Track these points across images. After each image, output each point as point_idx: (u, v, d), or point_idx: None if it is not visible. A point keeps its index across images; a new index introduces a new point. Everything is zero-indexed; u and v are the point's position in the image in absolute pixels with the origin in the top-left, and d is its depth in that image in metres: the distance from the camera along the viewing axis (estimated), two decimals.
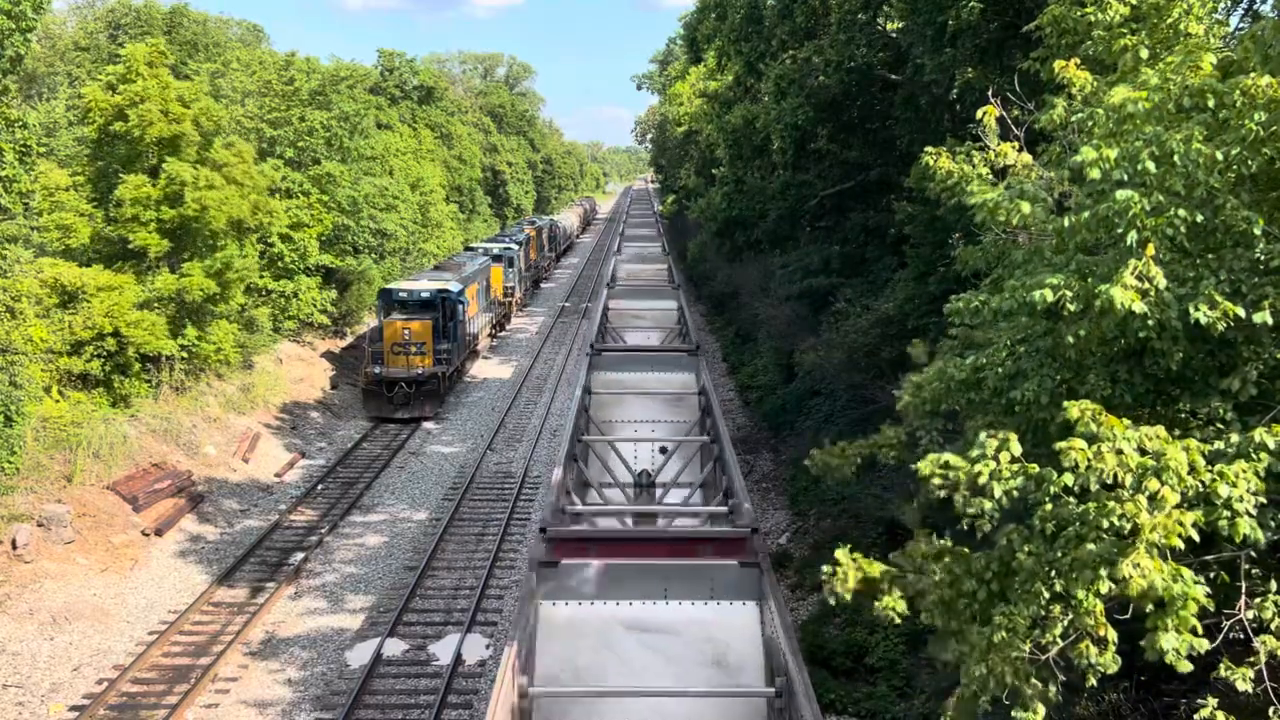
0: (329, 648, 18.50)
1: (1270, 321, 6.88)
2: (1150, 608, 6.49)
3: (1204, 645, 6.47)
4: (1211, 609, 6.73)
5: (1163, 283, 6.97)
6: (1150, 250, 7.06)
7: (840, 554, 7.97)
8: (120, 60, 29.21)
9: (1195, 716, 7.49)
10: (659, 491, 11.78)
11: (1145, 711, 10.86)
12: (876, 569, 7.90)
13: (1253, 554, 7.37)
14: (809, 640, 16.67)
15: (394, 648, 18.26)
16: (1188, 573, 6.47)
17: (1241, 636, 7.50)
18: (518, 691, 7.04)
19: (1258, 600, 7.36)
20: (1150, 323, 7.07)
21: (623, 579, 7.86)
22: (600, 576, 7.90)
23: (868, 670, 16.19)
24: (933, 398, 8.79)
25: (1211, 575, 6.99)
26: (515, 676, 6.98)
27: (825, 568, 8.00)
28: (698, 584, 7.91)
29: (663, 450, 13.32)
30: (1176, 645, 6.41)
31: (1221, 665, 7.26)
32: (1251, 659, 7.24)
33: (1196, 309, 6.93)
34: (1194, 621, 6.42)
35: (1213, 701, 7.53)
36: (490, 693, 6.77)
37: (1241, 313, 6.89)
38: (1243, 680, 7.17)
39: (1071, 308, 7.30)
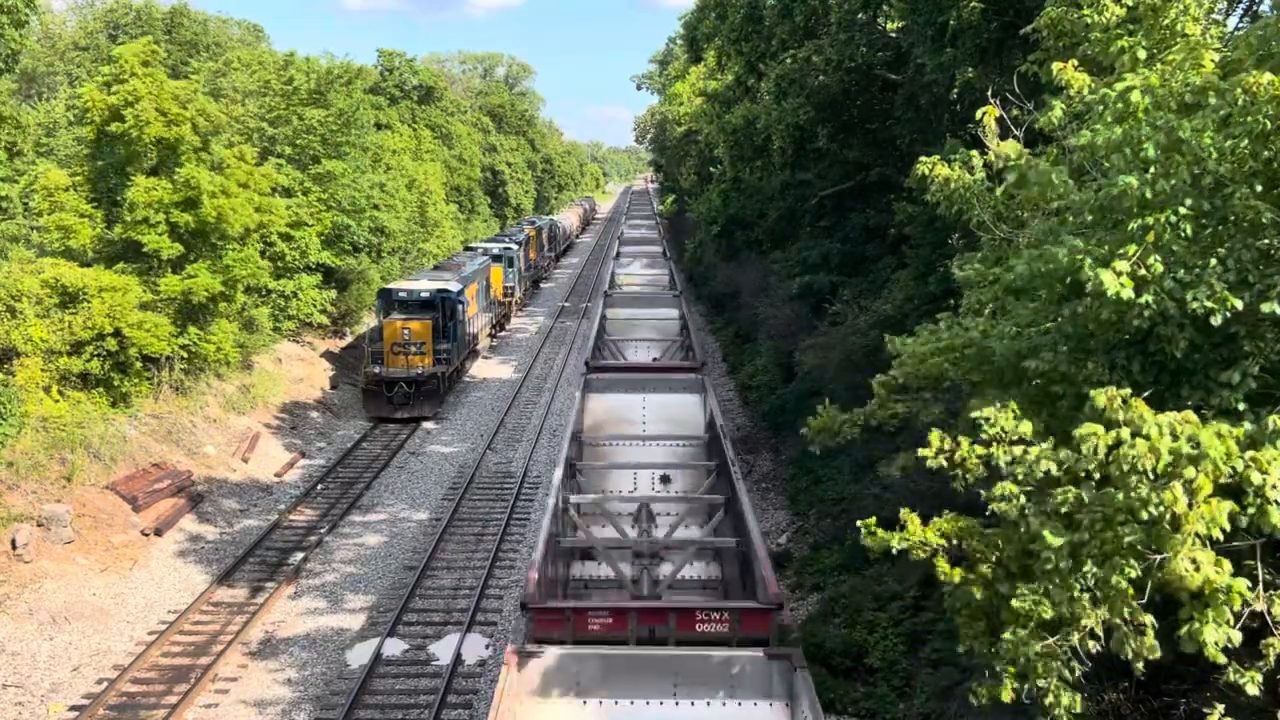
0: (329, 647, 18.50)
1: (1278, 311, 6.81)
2: (1186, 599, 6.42)
3: (1238, 638, 6.41)
4: (1250, 600, 6.58)
5: (1159, 269, 6.89)
6: (1151, 237, 6.98)
7: (912, 523, 7.63)
8: (114, 60, 29.15)
9: None
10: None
11: (1145, 711, 10.84)
12: (940, 530, 7.59)
13: (1256, 546, 7.28)
14: (809, 640, 16.65)
15: (394, 647, 18.25)
16: (1227, 564, 6.39)
17: (1244, 637, 7.41)
18: (575, 430, 13.03)
19: (1269, 594, 7.20)
20: (1147, 312, 7.00)
21: (634, 382, 13.76)
22: (619, 381, 14.43)
23: (867, 670, 16.15)
24: (935, 373, 8.62)
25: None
26: (576, 423, 13.26)
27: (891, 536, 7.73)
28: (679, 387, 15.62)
29: (654, 360, 20.37)
30: (1216, 638, 6.38)
31: (1230, 669, 6.95)
32: (1261, 662, 7.00)
33: (1195, 298, 6.87)
34: (1229, 614, 6.38)
35: (1219, 709, 7.40)
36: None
37: (1239, 304, 6.83)
38: (1252, 684, 6.92)
39: (1089, 273, 7.08)
